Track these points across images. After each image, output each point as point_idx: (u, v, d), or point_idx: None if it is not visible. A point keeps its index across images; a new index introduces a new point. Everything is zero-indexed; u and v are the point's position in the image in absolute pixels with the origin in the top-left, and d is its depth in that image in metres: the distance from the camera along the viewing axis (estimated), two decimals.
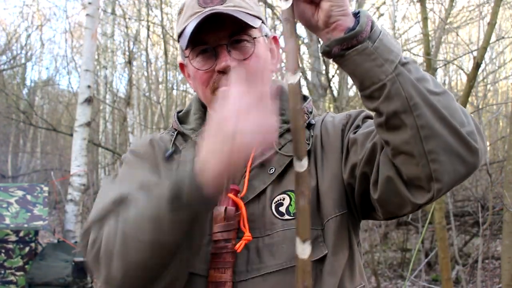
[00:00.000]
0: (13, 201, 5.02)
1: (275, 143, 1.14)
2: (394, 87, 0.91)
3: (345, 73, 6.40)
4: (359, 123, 1.14)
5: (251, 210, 1.09)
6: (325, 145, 1.16)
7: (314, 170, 1.13)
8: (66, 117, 14.13)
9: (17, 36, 14.26)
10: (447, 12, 4.69)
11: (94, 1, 6.09)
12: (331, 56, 0.96)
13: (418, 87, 0.92)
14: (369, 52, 0.92)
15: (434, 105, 0.92)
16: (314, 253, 1.05)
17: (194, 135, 1.19)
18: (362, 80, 0.94)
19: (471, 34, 10.54)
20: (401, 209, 1.02)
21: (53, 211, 10.84)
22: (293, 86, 0.87)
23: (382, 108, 0.93)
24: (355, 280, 1.11)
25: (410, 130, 0.92)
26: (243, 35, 1.11)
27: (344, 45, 0.93)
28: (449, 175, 0.94)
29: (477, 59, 3.66)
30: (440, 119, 0.92)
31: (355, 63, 0.93)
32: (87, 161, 6.55)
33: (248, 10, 1.12)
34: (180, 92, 13.15)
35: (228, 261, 1.05)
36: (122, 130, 11.59)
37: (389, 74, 0.92)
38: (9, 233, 5.09)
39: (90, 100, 6.05)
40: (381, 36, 0.94)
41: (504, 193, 3.58)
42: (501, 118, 9.17)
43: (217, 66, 1.10)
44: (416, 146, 0.92)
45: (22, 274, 5.08)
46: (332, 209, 1.10)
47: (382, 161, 1.00)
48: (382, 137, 0.98)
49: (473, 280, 5.87)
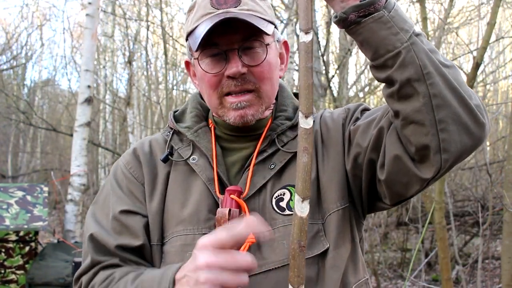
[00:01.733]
0: (13, 202, 5.01)
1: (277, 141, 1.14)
2: (409, 55, 0.92)
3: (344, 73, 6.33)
4: (358, 116, 1.15)
5: (251, 206, 1.09)
6: (326, 139, 1.16)
7: (315, 164, 1.13)
8: (66, 117, 14.13)
9: (17, 36, 14.26)
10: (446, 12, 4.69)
11: (94, 1, 6.09)
12: (347, 23, 0.96)
13: (431, 57, 0.94)
14: (385, 20, 0.93)
15: (446, 75, 0.94)
16: (315, 248, 1.07)
17: (189, 133, 1.18)
18: (377, 48, 0.95)
19: (470, 34, 10.54)
20: (409, 188, 1.03)
21: (53, 211, 10.84)
22: (306, 45, 0.86)
23: (396, 76, 0.94)
24: (359, 274, 1.12)
25: (422, 98, 0.93)
26: (256, 41, 1.09)
27: (361, 12, 0.94)
28: (456, 146, 0.95)
29: (476, 59, 3.66)
30: (451, 89, 0.94)
31: (371, 31, 0.94)
32: (87, 161, 6.55)
33: (262, 15, 1.10)
34: (180, 92, 13.15)
35: None
36: (122, 130, 11.59)
37: (404, 42, 0.93)
38: (9, 233, 5.09)
39: (90, 100, 6.05)
40: (396, 7, 0.95)
41: (504, 193, 3.58)
42: (501, 118, 9.17)
43: (227, 71, 1.08)
44: (427, 115, 0.93)
45: (22, 273, 5.08)
46: (334, 202, 1.10)
47: (389, 141, 1.01)
48: (392, 107, 0.98)
49: (473, 280, 5.87)
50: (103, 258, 1.10)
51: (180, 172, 1.17)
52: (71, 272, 4.59)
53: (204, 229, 1.09)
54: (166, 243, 1.12)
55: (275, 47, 1.16)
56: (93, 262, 1.10)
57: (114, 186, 1.18)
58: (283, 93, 1.24)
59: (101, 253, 1.10)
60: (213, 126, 1.21)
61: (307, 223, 0.85)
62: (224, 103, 1.11)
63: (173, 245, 1.11)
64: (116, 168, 1.22)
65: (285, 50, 1.22)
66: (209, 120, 1.23)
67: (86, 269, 1.11)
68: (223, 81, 1.09)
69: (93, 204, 1.21)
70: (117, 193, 1.17)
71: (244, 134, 1.18)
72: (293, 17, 6.35)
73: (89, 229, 1.14)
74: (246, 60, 1.08)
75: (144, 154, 1.20)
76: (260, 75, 1.10)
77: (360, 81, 9.72)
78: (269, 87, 1.12)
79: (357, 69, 11.04)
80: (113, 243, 1.10)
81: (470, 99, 0.95)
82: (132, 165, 1.19)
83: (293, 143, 1.14)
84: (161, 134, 1.25)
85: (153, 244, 1.13)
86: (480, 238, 5.39)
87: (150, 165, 1.19)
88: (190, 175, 1.16)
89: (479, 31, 7.66)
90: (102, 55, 11.49)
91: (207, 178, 1.13)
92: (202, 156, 1.16)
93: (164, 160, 1.17)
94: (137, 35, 10.65)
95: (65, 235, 5.82)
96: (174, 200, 1.14)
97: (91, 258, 1.11)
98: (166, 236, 1.13)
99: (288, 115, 1.19)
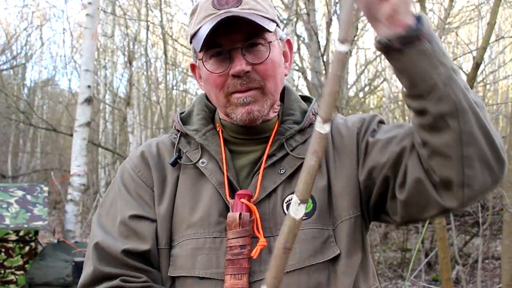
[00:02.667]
0: (13, 201, 5.01)
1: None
2: (446, 89, 0.94)
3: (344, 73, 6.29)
4: (374, 127, 1.15)
5: (262, 210, 1.09)
6: (338, 146, 1.16)
7: (325, 170, 1.13)
8: (66, 117, 14.13)
9: (17, 36, 14.26)
10: (446, 12, 4.69)
11: (94, 1, 6.09)
12: (390, 49, 0.96)
13: (466, 94, 0.96)
14: (428, 52, 0.94)
15: (478, 113, 0.96)
16: (325, 253, 1.07)
17: (198, 136, 1.17)
18: (415, 78, 0.96)
19: (470, 34, 10.54)
20: (425, 211, 1.04)
21: (53, 211, 10.84)
22: (340, 54, 0.86)
23: (430, 108, 0.95)
24: (369, 281, 1.13)
25: (453, 133, 0.95)
26: (259, 39, 1.10)
27: (406, 42, 0.94)
28: (478, 183, 0.97)
29: (476, 59, 3.66)
30: (481, 128, 0.96)
31: (412, 61, 0.94)
32: (87, 161, 6.55)
33: (264, 13, 1.11)
34: (180, 92, 13.15)
35: (244, 267, 1.05)
36: (122, 130, 11.60)
37: (443, 76, 0.94)
38: (9, 232, 5.09)
39: (90, 100, 6.05)
40: (437, 40, 0.96)
41: (504, 193, 3.58)
42: (501, 118, 9.17)
43: (231, 70, 1.08)
44: (455, 150, 0.95)
45: (22, 273, 5.08)
46: (346, 210, 1.10)
47: (411, 163, 1.02)
48: (421, 137, 1.00)
49: (473, 280, 5.87)
50: (106, 269, 1.09)
51: (189, 175, 1.16)
52: (71, 272, 4.59)
53: (215, 232, 1.10)
54: (175, 246, 1.12)
55: (278, 45, 1.16)
56: (95, 271, 1.10)
57: (122, 190, 1.18)
58: (290, 96, 1.23)
59: (105, 262, 1.10)
60: (220, 129, 1.21)
61: (299, 226, 0.85)
62: (231, 100, 1.11)
63: (183, 249, 1.11)
64: (123, 171, 1.21)
65: (288, 49, 1.22)
66: (216, 123, 1.23)
67: (88, 280, 1.10)
68: (228, 80, 1.10)
69: (100, 207, 1.20)
70: (125, 197, 1.16)
71: (251, 138, 1.18)
72: (292, 17, 6.35)
73: (95, 236, 1.14)
74: (250, 58, 1.09)
75: (152, 157, 1.19)
76: (264, 73, 1.10)
77: (360, 81, 9.73)
78: (273, 84, 1.13)
79: (357, 69, 11.04)
80: (120, 247, 1.09)
81: (496, 138, 0.98)
82: (141, 169, 1.18)
83: (302, 147, 1.13)
84: (167, 136, 1.24)
85: (161, 248, 1.12)
86: (480, 238, 5.39)
87: (159, 168, 1.18)
88: (199, 178, 1.16)
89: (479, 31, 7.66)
90: (102, 55, 11.49)
91: (217, 182, 1.13)
92: (211, 160, 1.16)
93: (173, 164, 1.16)
94: (137, 35, 10.65)
95: (65, 235, 5.82)
96: (183, 203, 1.14)
97: (93, 267, 1.10)
98: (175, 239, 1.13)
99: (296, 119, 1.19)
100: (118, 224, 1.13)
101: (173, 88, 11.82)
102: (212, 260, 1.07)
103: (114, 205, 1.17)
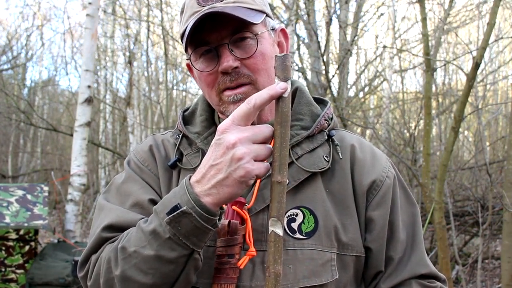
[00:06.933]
0: (13, 200, 5.02)
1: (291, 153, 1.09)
2: None
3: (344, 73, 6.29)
4: (383, 202, 1.12)
5: (259, 221, 1.05)
6: (354, 177, 1.12)
7: (323, 190, 1.09)
8: (66, 117, 14.15)
9: (18, 36, 14.27)
10: (446, 12, 4.70)
11: (94, 1, 6.09)
12: None
13: None
14: None
15: None
16: (322, 276, 1.04)
17: (199, 140, 1.14)
18: None
19: (470, 34, 10.55)
20: None
21: (53, 211, 10.84)
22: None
23: None
24: None
25: None
26: (245, 32, 1.05)
27: None
28: None
29: (476, 59, 3.66)
30: None
31: None
32: (87, 161, 6.56)
33: (249, 5, 1.07)
34: (180, 92, 13.17)
35: (231, 277, 1.00)
36: (122, 130, 11.61)
37: None
38: (10, 231, 5.10)
39: (90, 100, 6.06)
40: None
41: (504, 193, 3.59)
42: (501, 118, 9.18)
43: (219, 67, 1.05)
44: None
45: (22, 272, 5.09)
46: (361, 245, 1.09)
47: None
48: None
49: (473, 280, 5.87)
50: (110, 235, 1.05)
51: None
52: (71, 272, 4.60)
53: (207, 241, 1.05)
54: None
55: (269, 36, 1.11)
56: (99, 237, 1.05)
57: (134, 175, 1.16)
58: (300, 99, 1.17)
59: (109, 230, 1.06)
60: None
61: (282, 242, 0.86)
62: (223, 98, 1.08)
63: None
64: (129, 161, 1.19)
65: (283, 38, 1.17)
66: (217, 125, 1.19)
67: (92, 247, 1.06)
68: (218, 78, 1.07)
69: (105, 193, 1.17)
70: (140, 182, 1.14)
71: None
72: (293, 17, 6.35)
73: (106, 217, 1.09)
74: (238, 53, 1.05)
75: (160, 156, 1.17)
76: (254, 67, 1.06)
77: (360, 81, 9.74)
78: (266, 78, 1.07)
79: (357, 69, 11.04)
80: (138, 220, 1.04)
81: None
82: (149, 163, 1.16)
83: (309, 158, 1.09)
84: (170, 136, 1.21)
85: None
86: (480, 238, 5.39)
87: (165, 165, 1.16)
88: None
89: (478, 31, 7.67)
90: (103, 55, 11.50)
91: None
92: None
93: (172, 166, 1.14)
94: (138, 35, 10.67)
95: (65, 235, 5.83)
96: None
97: (97, 234, 1.06)
98: None
99: (304, 125, 1.13)
100: (133, 204, 1.09)
101: (173, 88, 11.84)
102: (204, 270, 1.02)
103: (121, 190, 1.13)
